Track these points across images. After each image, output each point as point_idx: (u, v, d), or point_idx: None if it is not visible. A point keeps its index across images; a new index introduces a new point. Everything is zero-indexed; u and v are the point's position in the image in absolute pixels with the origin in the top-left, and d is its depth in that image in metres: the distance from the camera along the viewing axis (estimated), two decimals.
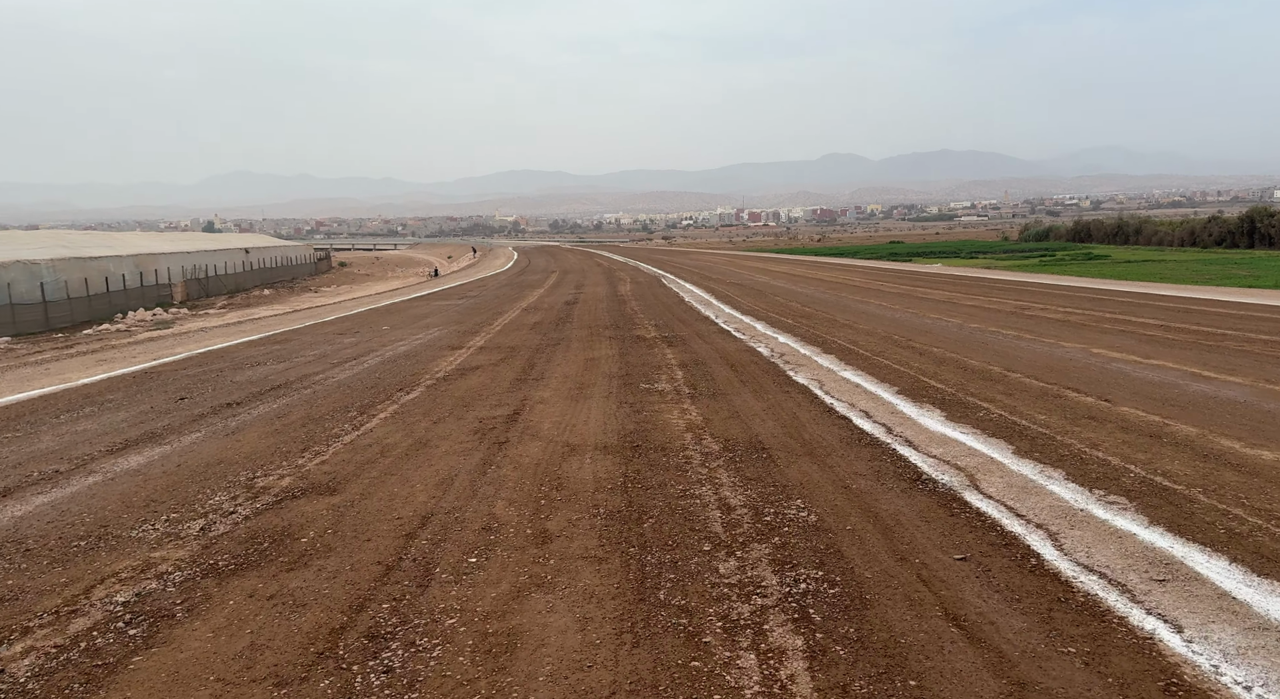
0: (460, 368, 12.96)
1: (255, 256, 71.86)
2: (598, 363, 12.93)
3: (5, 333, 29.25)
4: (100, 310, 39.99)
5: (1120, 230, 62.19)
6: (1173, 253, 48.04)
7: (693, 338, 15.86)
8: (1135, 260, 40.60)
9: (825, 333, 15.83)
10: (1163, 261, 39.28)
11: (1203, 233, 52.44)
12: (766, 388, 10.17)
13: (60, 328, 32.18)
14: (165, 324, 32.41)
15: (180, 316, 37.46)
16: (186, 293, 51.42)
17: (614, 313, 22.01)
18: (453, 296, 31.59)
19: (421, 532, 5.38)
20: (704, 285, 32.47)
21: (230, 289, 58.10)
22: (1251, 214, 49.16)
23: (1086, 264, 39.56)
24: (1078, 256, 46.14)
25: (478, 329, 19.09)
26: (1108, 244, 60.53)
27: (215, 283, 58.01)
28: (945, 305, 21.34)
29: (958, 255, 56.29)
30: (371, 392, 11.04)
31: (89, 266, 43.93)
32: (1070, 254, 48.81)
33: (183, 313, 39.56)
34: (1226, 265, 34.52)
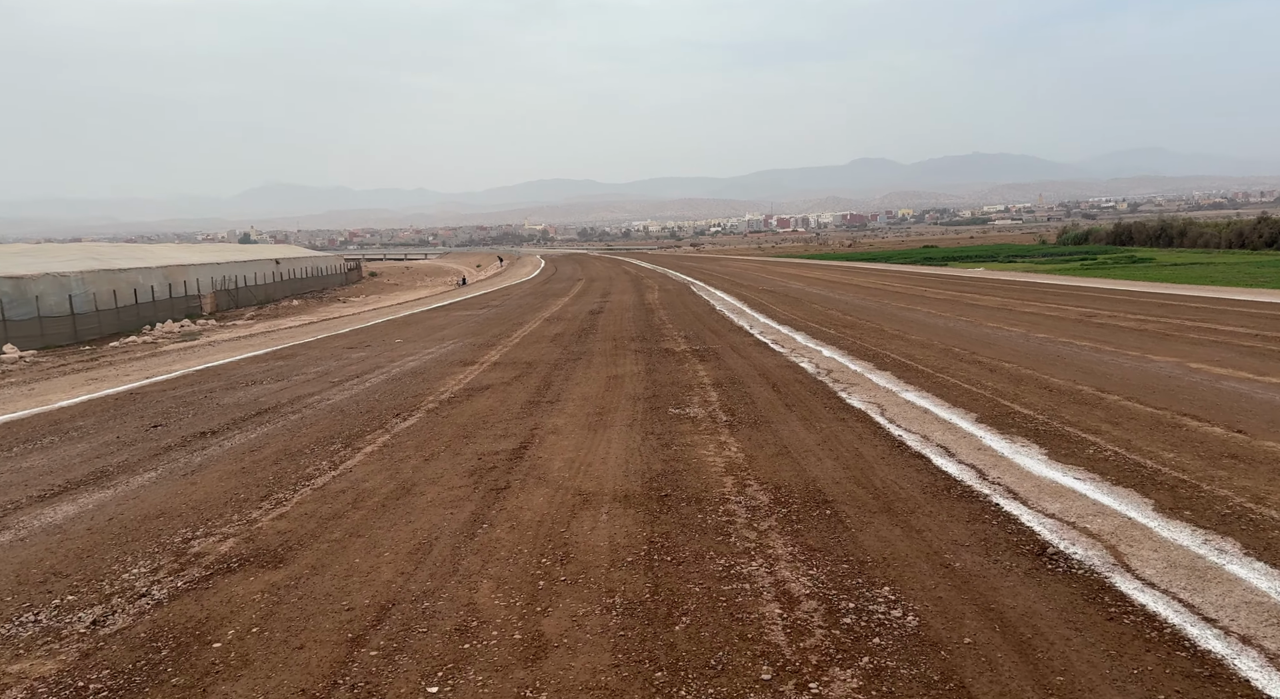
0: (469, 387, 11.61)
1: (285, 267, 71.69)
2: (621, 381, 11.50)
3: (34, 345, 28.61)
4: (129, 322, 39.49)
5: (1163, 232, 60.23)
6: (1220, 255, 46.31)
7: (726, 351, 14.38)
8: (1182, 263, 38.75)
9: (875, 345, 14.25)
10: (1211, 264, 37.24)
11: (1252, 234, 50.43)
12: (817, 414, 8.66)
13: (88, 340, 31.63)
14: (192, 336, 31.66)
15: (207, 328, 36.84)
16: (216, 304, 50.97)
17: (641, 323, 20.58)
18: (474, 306, 30.39)
19: (374, 633, 3.97)
20: (735, 292, 30.94)
21: (260, 300, 57.73)
22: None
23: (1131, 267, 38.11)
24: (1120, 260, 44.64)
25: (494, 342, 17.77)
26: (1150, 247, 58.49)
27: (245, 294, 57.64)
28: (1001, 312, 19.61)
29: (995, 259, 54.56)
30: (365, 417, 9.71)
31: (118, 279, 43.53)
32: (1112, 257, 47.22)
33: (210, 324, 38.96)
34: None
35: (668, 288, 36.07)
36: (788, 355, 13.46)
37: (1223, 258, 42.95)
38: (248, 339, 23.85)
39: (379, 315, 29.52)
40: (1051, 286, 28.13)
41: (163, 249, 69.86)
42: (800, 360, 12.80)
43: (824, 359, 12.84)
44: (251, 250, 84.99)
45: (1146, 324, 16.19)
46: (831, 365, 12.14)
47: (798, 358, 13.12)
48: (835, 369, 11.77)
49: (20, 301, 31.99)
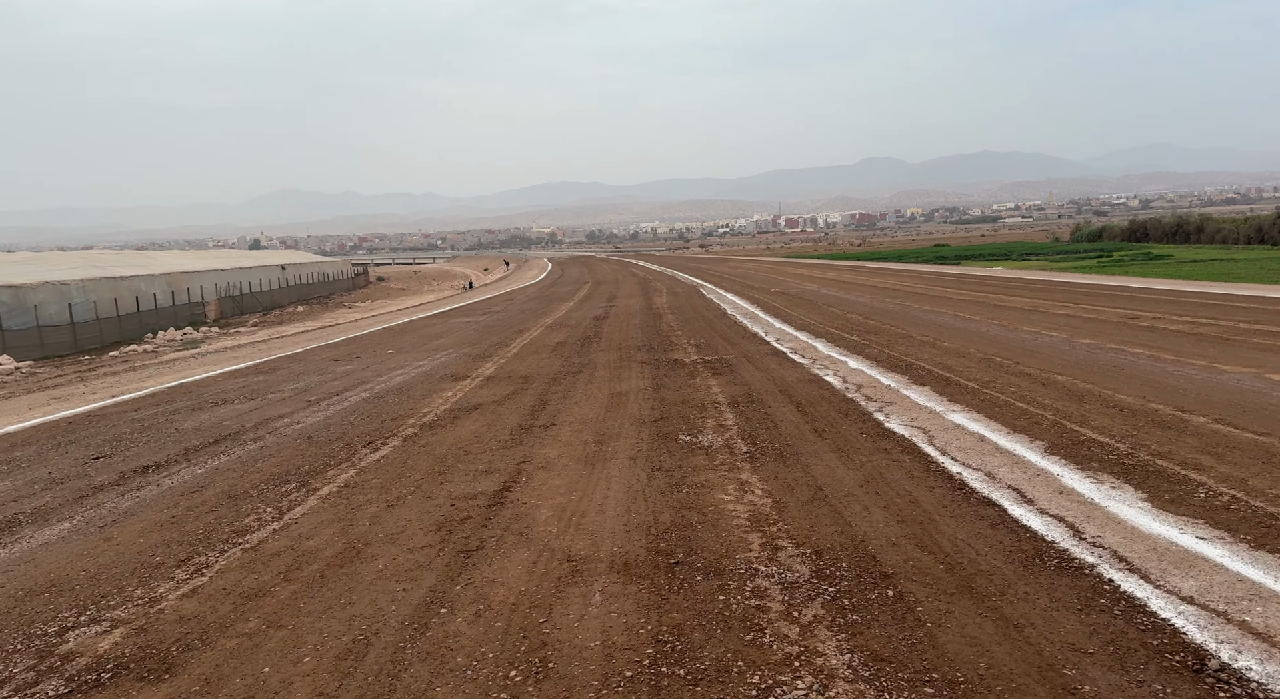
0: (456, 408, 10.38)
1: (291, 273, 70.83)
2: (625, 400, 10.25)
3: (32, 355, 27.62)
4: (131, 331, 38.59)
5: (1180, 228, 59.17)
6: (1240, 251, 45.14)
7: (741, 362, 13.11)
8: (1202, 259, 37.88)
9: (905, 354, 12.95)
10: (1232, 260, 36.17)
11: (1272, 229, 49.33)
12: (854, 442, 7.38)
13: (88, 349, 30.73)
14: (194, 344, 30.69)
15: (210, 336, 35.89)
16: (220, 311, 50.05)
17: (648, 330, 19.33)
18: (475, 313, 29.21)
19: None
20: (747, 295, 29.64)
21: (265, 306, 56.83)
22: None
23: (1149, 264, 36.78)
24: (1137, 257, 43.66)
25: (491, 352, 16.55)
26: (1167, 243, 57.31)
27: (250, 300, 56.75)
28: (1034, 315, 18.26)
29: (1009, 257, 53.61)
30: (332, 447, 8.49)
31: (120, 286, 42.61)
32: (1129, 254, 46.24)
33: (213, 332, 38.03)
34: None
35: (676, 291, 34.81)
36: (809, 367, 12.18)
37: (1243, 254, 41.74)
38: (248, 347, 22.79)
39: (377, 323, 28.39)
40: (1079, 286, 26.73)
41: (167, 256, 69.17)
42: (824, 373, 11.51)
43: (851, 371, 11.55)
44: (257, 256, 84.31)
45: (1199, 327, 14.83)
46: (861, 379, 10.85)
47: (821, 370, 11.83)
48: (866, 384, 10.48)
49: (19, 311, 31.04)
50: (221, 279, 56.73)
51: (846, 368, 11.88)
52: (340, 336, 22.92)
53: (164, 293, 46.35)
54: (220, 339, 31.74)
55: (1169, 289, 23.99)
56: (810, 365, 12.31)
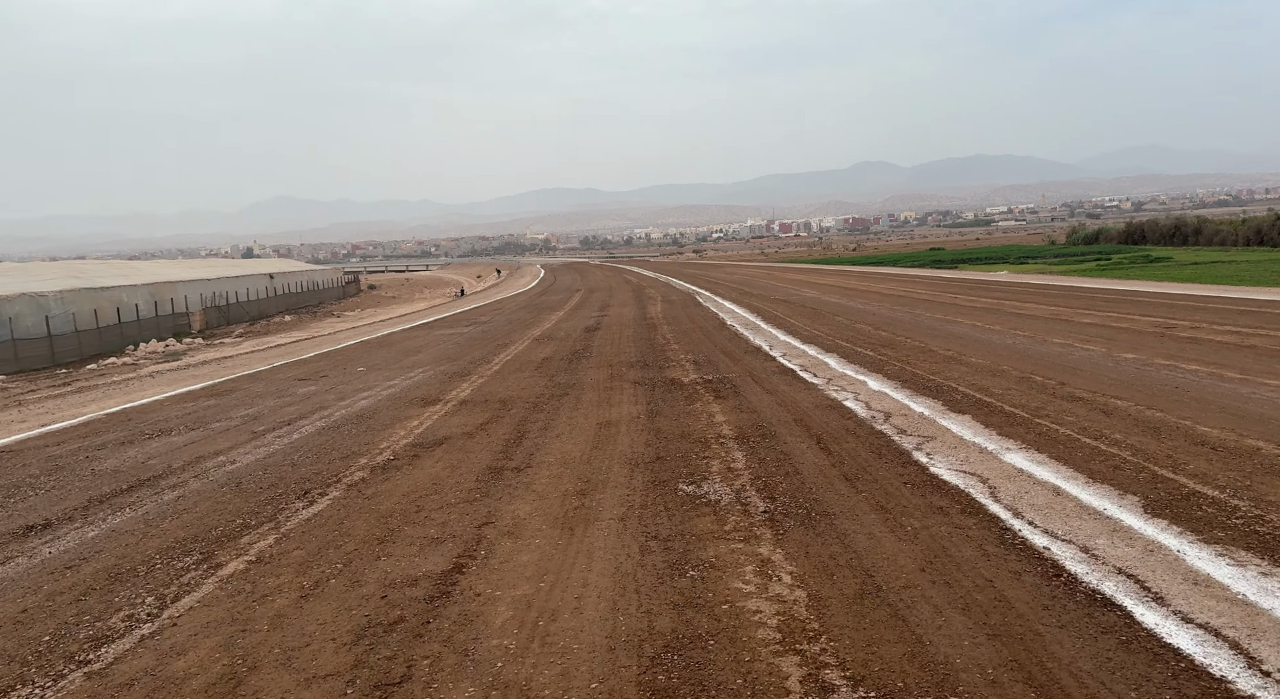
0: (418, 442, 8.91)
1: (280, 282, 69.32)
2: (615, 432, 8.80)
3: (6, 369, 26.10)
4: (111, 342, 37.02)
5: (1177, 231, 58.90)
6: (1239, 253, 44.78)
7: (746, 382, 11.67)
8: (1203, 262, 37.36)
9: (930, 372, 11.51)
10: (1234, 262, 35.58)
11: (1271, 231, 48.96)
12: (897, 496, 5.94)
13: (66, 362, 29.30)
14: (176, 355, 29.27)
15: (193, 347, 34.44)
16: (205, 321, 48.48)
17: (642, 343, 17.88)
18: (460, 323, 27.73)
19: None
20: (745, 303, 28.23)
21: (253, 316, 55.33)
22: None
23: (1150, 267, 36.12)
24: (1136, 259, 43.28)
25: (470, 370, 15.08)
26: (1165, 246, 56.85)
27: (237, 310, 55.19)
28: (1060, 325, 16.87)
29: (1005, 260, 53.17)
30: (260, 498, 7.02)
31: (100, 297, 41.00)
32: (1128, 257, 45.85)
33: (197, 343, 36.61)
34: None
35: (671, 299, 33.38)
36: (824, 388, 10.73)
37: (1244, 256, 41.10)
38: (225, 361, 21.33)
39: (359, 334, 26.90)
40: (1094, 291, 25.36)
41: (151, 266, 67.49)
42: (843, 396, 10.07)
43: (873, 394, 10.11)
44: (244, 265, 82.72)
45: (1248, 339, 13.43)
46: (887, 405, 9.41)
47: (838, 392, 10.39)
48: (894, 411, 9.03)
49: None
50: (207, 288, 55.17)
51: (867, 389, 10.44)
52: (315, 351, 21.43)
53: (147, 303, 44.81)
54: (203, 350, 30.34)
55: (1191, 294, 22.65)
56: (825, 386, 10.87)
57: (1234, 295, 21.59)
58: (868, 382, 11.03)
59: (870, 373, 11.76)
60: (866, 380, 11.12)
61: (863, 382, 11.07)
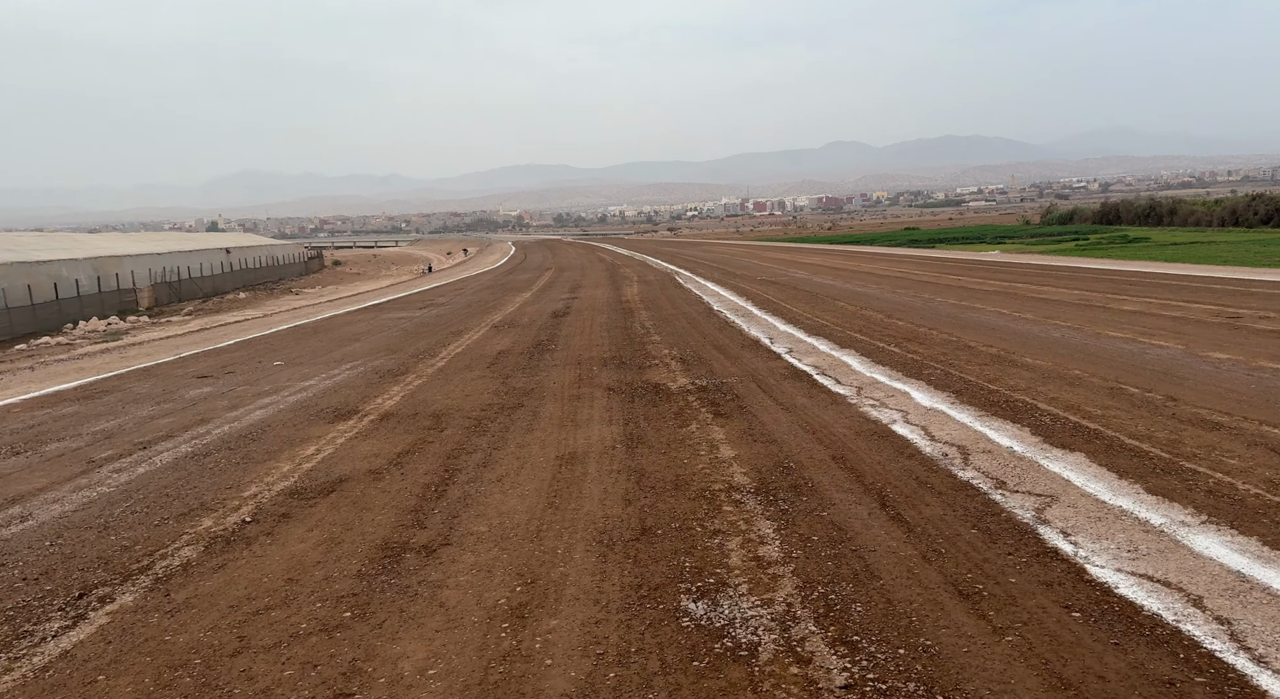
0: (297, 490, 6.26)
1: (238, 257, 65.58)
2: (581, 475, 6.22)
3: None
4: (48, 320, 33.92)
5: (1152, 211, 58.78)
6: (1215, 234, 44.57)
7: (750, 389, 9.13)
8: (1182, 242, 37.00)
9: (984, 377, 9.04)
10: (1214, 243, 35.16)
11: (1246, 212, 48.59)
12: (1077, 653, 3.41)
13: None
14: (116, 335, 26.47)
15: (139, 325, 31.53)
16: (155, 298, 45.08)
17: (617, 333, 15.27)
18: (415, 305, 24.87)
19: None
20: (730, 285, 25.67)
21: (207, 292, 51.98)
22: None
23: (1129, 247, 35.67)
24: (1114, 239, 43.01)
25: (409, 366, 12.39)
26: (1140, 226, 56.49)
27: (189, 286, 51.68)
28: (1099, 313, 14.51)
29: (982, 240, 52.71)
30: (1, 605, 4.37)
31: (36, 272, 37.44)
32: (1105, 237, 45.46)
33: (142, 321, 33.64)
34: None
35: (649, 279, 30.72)
36: (857, 402, 8.21)
37: (1221, 237, 40.84)
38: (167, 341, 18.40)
39: (299, 316, 24.00)
40: (1106, 273, 23.12)
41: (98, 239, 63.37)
42: (887, 416, 7.55)
43: (927, 413, 7.59)
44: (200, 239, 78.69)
45: None
46: (955, 432, 6.89)
47: (878, 409, 7.88)
48: (969, 444, 6.52)
49: None
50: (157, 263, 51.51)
51: (915, 405, 7.92)
52: (237, 338, 18.54)
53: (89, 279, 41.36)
54: (147, 330, 27.51)
55: (1218, 276, 20.47)
56: (856, 399, 8.34)
57: (1264, 277, 19.43)
58: (910, 392, 8.51)
59: (908, 379, 9.24)
60: (909, 390, 8.61)
61: (903, 392, 8.56)
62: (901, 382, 9.11)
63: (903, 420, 7.35)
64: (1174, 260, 27.10)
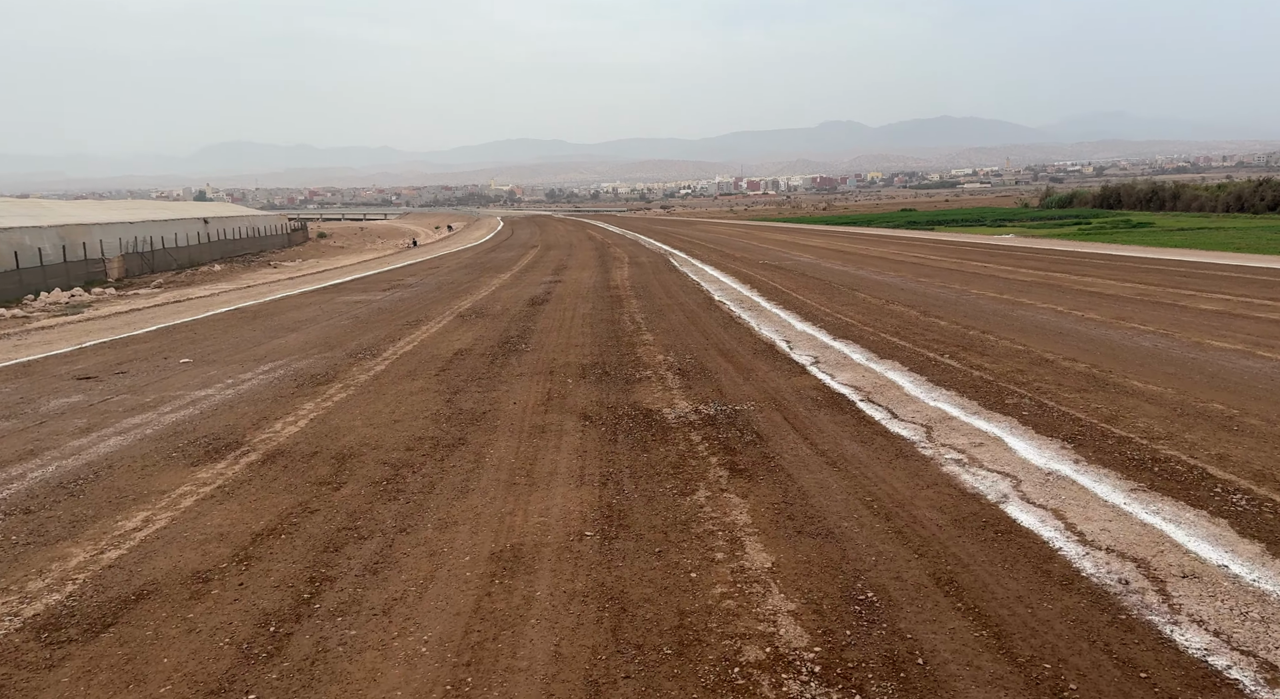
0: (50, 624, 3.82)
1: (216, 227, 62.58)
2: (525, 599, 3.80)
3: None
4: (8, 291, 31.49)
5: (1154, 195, 56.93)
6: (1221, 219, 43.20)
7: (774, 425, 6.72)
8: (1189, 228, 35.76)
9: (1098, 414, 6.62)
10: (1221, 229, 34.07)
11: (1253, 197, 46.94)
12: None
13: None
14: (79, 308, 24.01)
15: (104, 298, 28.93)
16: (125, 268, 42.55)
17: (601, 329, 12.79)
18: (379, 286, 22.29)
19: None
20: (731, 270, 23.17)
21: (182, 263, 49.41)
22: None
23: (1133, 232, 34.66)
24: (1118, 224, 41.19)
25: (341, 370, 9.91)
26: (1142, 210, 54.77)
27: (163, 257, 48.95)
28: (1177, 313, 12.12)
29: (981, 223, 51.40)
30: None
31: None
32: (1108, 221, 44.14)
33: (107, 294, 31.04)
34: None
35: (640, 261, 28.16)
36: (927, 451, 5.80)
37: (1227, 222, 39.75)
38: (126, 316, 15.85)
39: (248, 296, 21.40)
40: (1150, 262, 20.71)
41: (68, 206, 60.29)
42: (988, 486, 5.12)
43: (1047, 482, 5.15)
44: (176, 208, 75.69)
45: None
46: (1110, 524, 4.45)
47: (962, 465, 5.46)
48: (1146, 553, 4.09)
49: None
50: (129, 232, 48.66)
51: (1020, 464, 5.49)
52: (171, 320, 15.99)
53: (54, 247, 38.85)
54: (113, 302, 25.01)
55: (1270, 267, 18.09)
56: (929, 447, 5.91)
57: None
58: (1004, 437, 6.08)
59: (990, 413, 6.81)
60: (999, 434, 6.18)
61: (993, 436, 6.13)
62: (983, 417, 6.69)
63: (1016, 496, 4.92)
64: (1186, 246, 25.57)
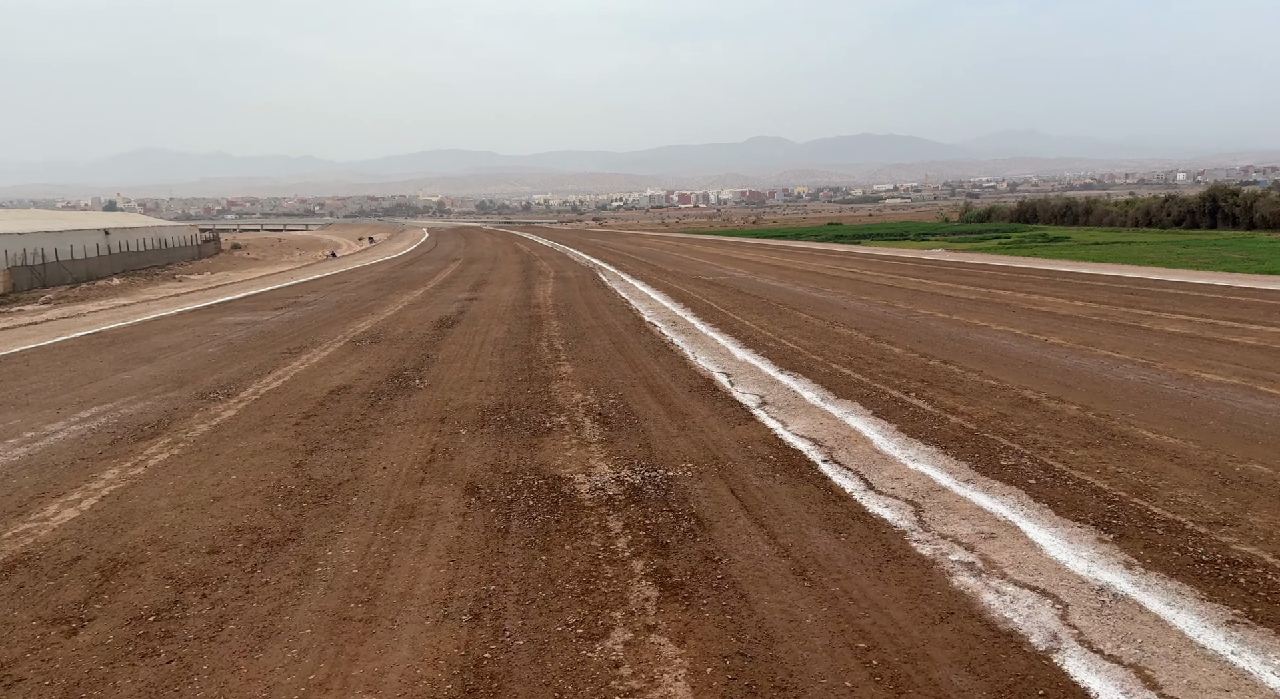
0: None
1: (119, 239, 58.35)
2: None
3: None
4: None
5: (1068, 211, 59.22)
6: (1133, 234, 45.20)
7: (718, 501, 5.13)
8: (1104, 242, 37.07)
9: (1117, 479, 5.23)
10: (1133, 243, 35.47)
11: (1160, 213, 49.48)
12: None
13: None
14: None
15: None
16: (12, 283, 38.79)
17: (514, 359, 11.03)
18: (272, 304, 19.97)
19: None
20: (663, 286, 21.66)
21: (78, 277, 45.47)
22: (1213, 193, 46.90)
23: (1053, 246, 35.96)
24: (1036, 238, 42.79)
25: (178, 418, 7.92)
26: (1057, 225, 56.96)
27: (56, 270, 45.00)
28: (1148, 336, 11.04)
29: (906, 237, 52.60)
30: None
31: None
32: (1026, 236, 45.99)
33: None
34: (1209, 247, 31.01)
35: (567, 276, 26.43)
36: (925, 548, 4.28)
37: (1138, 237, 40.87)
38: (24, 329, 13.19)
39: (122, 317, 18.84)
40: (1089, 278, 20.02)
41: None
42: (1023, 616, 3.60)
43: (1101, 601, 3.68)
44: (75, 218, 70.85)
45: None
46: (1209, 692, 3.00)
47: (976, 573, 3.96)
48: None
49: None
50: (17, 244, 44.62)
51: (1053, 569, 4.01)
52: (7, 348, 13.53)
53: None
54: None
55: (1214, 284, 17.48)
56: (925, 541, 4.40)
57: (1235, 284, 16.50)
58: (1022, 526, 4.59)
59: (990, 481, 5.34)
60: (1011, 517, 4.69)
61: (1004, 520, 4.64)
62: (980, 488, 5.21)
63: (1070, 635, 3.40)
64: (1103, 260, 26.05)
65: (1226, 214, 44.79)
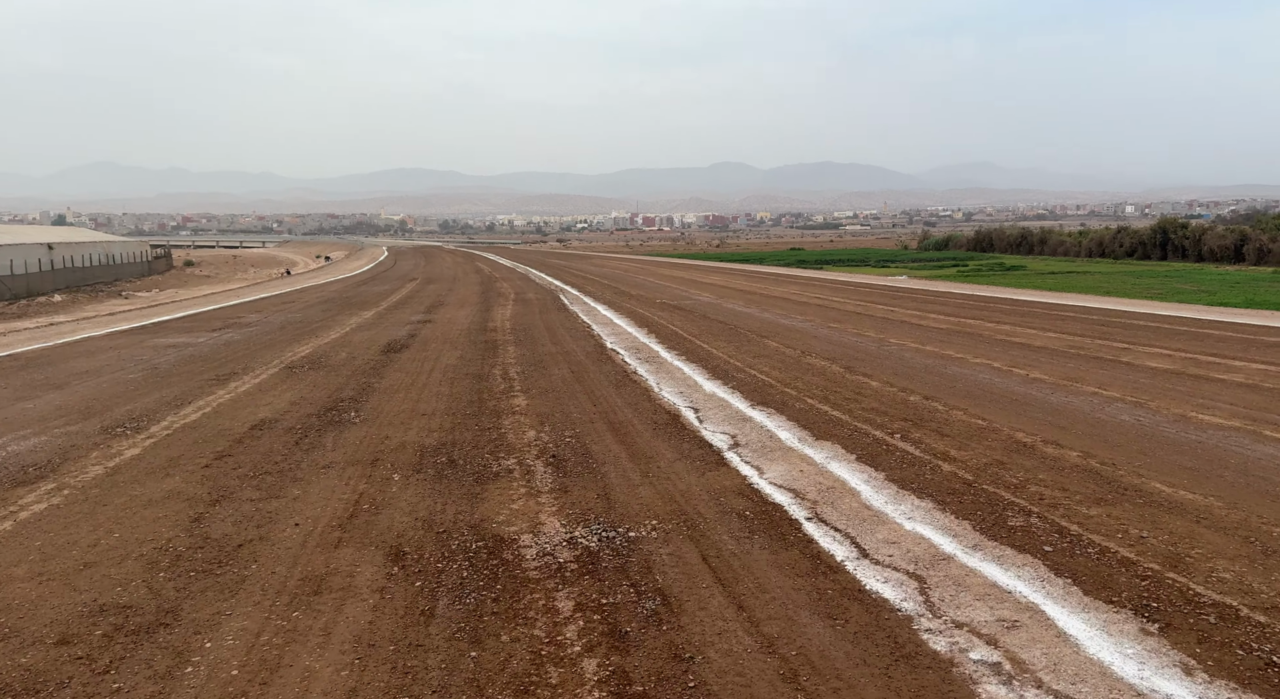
0: None
1: (63, 254, 56.07)
2: None
3: None
4: None
5: (1024, 240, 60.64)
6: (1087, 264, 46.35)
7: (687, 572, 4.35)
8: (1059, 271, 37.59)
9: (1148, 553, 4.56)
10: (1088, 273, 35.93)
11: (1112, 244, 50.78)
12: None
13: None
14: None
15: None
16: None
17: (463, 388, 10.14)
18: (210, 325, 18.78)
19: None
20: (626, 310, 20.91)
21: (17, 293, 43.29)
22: (1164, 226, 47.81)
23: (1010, 275, 36.33)
24: (993, 266, 43.64)
25: (68, 459, 6.91)
26: (1013, 254, 58.27)
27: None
28: (1131, 372, 10.54)
29: (866, 263, 53.21)
30: None
31: None
32: (983, 264, 47.24)
33: None
34: (1160, 278, 31.62)
35: (528, 298, 25.56)
36: (940, 645, 3.53)
37: (1092, 267, 41.58)
38: None
39: (45, 337, 17.53)
40: (1056, 308, 19.73)
41: None
42: None
43: None
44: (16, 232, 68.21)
45: None
46: None
47: (1004, 682, 3.22)
48: None
49: None
50: None
51: (1100, 675, 3.28)
52: None
53: None
54: None
55: (1183, 316, 17.24)
56: (941, 635, 3.66)
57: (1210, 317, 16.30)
58: (1049, 611, 3.86)
59: (1000, 547, 4.63)
60: (1042, 605, 3.94)
61: (1034, 608, 3.91)
62: (992, 557, 4.48)
63: None
64: (1060, 289, 26.29)
65: (1176, 246, 45.87)
